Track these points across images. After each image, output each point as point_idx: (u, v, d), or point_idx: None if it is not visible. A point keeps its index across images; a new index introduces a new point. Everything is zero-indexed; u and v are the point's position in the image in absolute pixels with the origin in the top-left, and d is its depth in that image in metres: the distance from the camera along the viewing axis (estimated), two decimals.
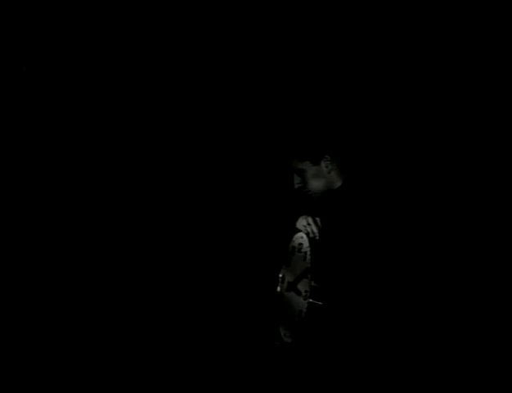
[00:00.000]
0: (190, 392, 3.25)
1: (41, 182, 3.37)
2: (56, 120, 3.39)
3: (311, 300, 2.65)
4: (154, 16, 3.38)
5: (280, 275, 2.92)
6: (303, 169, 2.77)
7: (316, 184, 2.78)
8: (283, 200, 3.05)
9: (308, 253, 2.73)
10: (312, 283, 2.66)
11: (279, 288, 2.91)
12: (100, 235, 3.39)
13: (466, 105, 3.21)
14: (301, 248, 2.80)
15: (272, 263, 2.97)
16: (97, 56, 3.39)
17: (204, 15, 3.36)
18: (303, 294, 2.72)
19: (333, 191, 2.80)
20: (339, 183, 2.81)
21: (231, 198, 3.42)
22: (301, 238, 2.81)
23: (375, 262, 2.64)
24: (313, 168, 2.76)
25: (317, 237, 2.75)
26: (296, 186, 2.80)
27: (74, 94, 3.40)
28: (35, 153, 3.36)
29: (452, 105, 3.23)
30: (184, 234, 3.42)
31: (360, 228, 2.68)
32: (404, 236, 2.69)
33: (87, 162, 3.41)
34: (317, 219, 2.78)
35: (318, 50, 3.32)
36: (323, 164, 2.76)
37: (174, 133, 3.45)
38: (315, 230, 2.75)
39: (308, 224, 2.77)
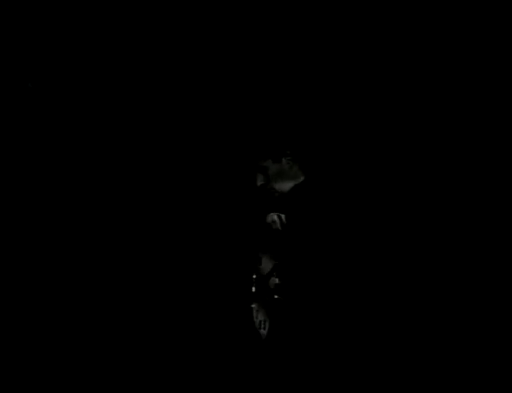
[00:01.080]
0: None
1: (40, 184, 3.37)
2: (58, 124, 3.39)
3: (276, 297, 2.69)
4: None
5: (254, 276, 2.91)
6: (265, 166, 2.79)
7: (279, 181, 2.79)
8: (248, 199, 3.01)
9: (275, 250, 2.75)
10: (277, 280, 2.70)
11: (254, 288, 2.91)
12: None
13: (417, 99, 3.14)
14: (269, 246, 2.81)
15: (246, 263, 2.96)
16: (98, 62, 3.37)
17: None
18: (272, 291, 2.73)
19: (297, 187, 2.80)
20: (302, 178, 2.80)
21: (196, 199, 3.33)
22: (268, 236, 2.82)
23: (342, 256, 2.67)
24: (275, 165, 2.77)
25: (283, 234, 2.76)
26: (259, 184, 2.81)
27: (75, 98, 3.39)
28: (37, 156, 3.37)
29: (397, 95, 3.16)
30: (150, 237, 3.33)
31: (325, 222, 2.69)
32: (369, 229, 2.71)
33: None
34: (282, 215, 2.79)
35: (272, 47, 3.23)
36: (284, 160, 2.78)
37: (134, 132, 3.38)
38: (279, 227, 2.76)
39: (273, 222, 2.77)
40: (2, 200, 3.32)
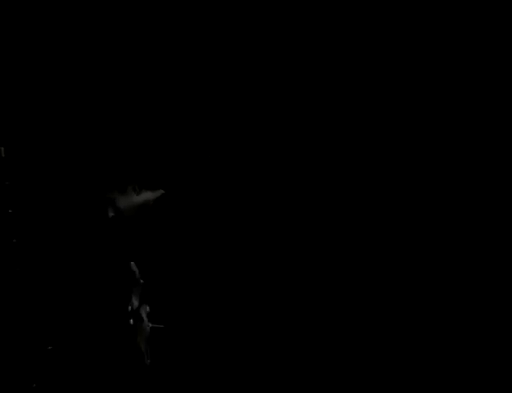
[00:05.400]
0: None
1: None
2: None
3: (151, 325, 2.70)
4: None
5: (130, 307, 2.90)
6: (113, 198, 2.75)
7: (129, 209, 2.74)
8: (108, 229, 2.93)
9: (139, 278, 2.76)
10: (147, 308, 2.74)
11: (132, 321, 2.87)
12: None
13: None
14: (135, 275, 2.81)
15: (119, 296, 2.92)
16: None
17: None
18: (145, 319, 2.74)
19: (148, 209, 2.77)
20: (151, 201, 2.75)
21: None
22: (134, 266, 2.81)
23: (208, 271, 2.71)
24: (122, 196, 2.73)
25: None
26: (110, 216, 2.77)
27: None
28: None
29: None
30: None
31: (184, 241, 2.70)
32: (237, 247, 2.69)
33: None
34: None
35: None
36: (130, 188, 2.73)
37: None
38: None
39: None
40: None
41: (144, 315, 2.76)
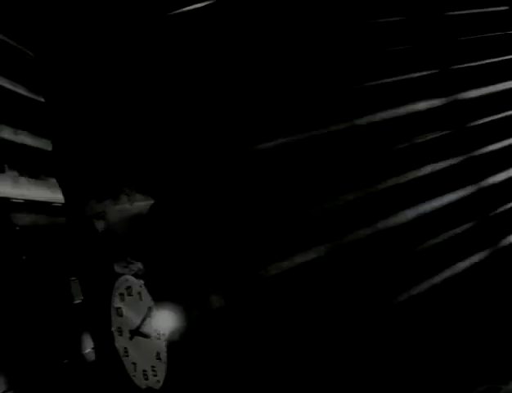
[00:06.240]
0: None
1: None
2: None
3: (168, 341, 2.55)
4: None
5: (113, 328, 2.81)
6: (103, 211, 2.62)
7: (123, 222, 2.60)
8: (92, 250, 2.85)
9: (144, 292, 2.62)
10: (157, 320, 2.60)
11: (117, 342, 2.80)
12: None
13: None
14: (131, 291, 2.70)
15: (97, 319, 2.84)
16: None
17: None
18: (154, 335, 2.61)
19: (142, 220, 2.61)
20: (146, 210, 2.59)
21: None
22: (126, 281, 2.69)
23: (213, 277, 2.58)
24: (115, 207, 2.60)
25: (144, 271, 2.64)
26: (100, 230, 2.66)
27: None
28: None
29: None
30: None
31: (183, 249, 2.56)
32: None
33: None
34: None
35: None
36: (124, 198, 2.58)
37: None
38: (139, 265, 2.62)
39: (129, 263, 2.64)
40: None
41: (151, 330, 2.64)
